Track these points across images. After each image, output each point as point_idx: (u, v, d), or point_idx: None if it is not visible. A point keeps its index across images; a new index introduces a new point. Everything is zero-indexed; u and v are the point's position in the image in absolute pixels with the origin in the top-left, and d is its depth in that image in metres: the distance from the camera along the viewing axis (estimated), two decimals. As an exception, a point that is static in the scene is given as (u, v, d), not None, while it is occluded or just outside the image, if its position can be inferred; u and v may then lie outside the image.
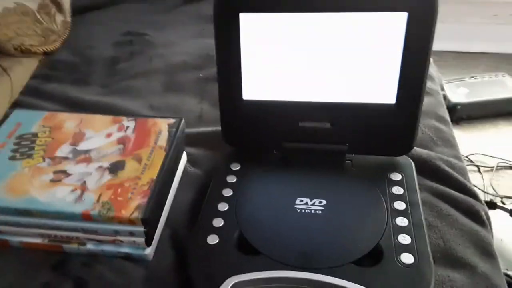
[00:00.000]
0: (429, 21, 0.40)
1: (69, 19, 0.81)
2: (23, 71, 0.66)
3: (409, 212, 0.42)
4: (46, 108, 0.60)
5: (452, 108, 1.25)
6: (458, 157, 0.54)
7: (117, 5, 0.91)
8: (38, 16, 0.74)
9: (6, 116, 0.58)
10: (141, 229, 0.39)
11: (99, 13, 0.89)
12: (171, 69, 0.70)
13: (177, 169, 0.49)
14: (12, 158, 0.45)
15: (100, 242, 0.41)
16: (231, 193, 0.45)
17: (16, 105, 0.62)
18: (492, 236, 0.47)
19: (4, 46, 0.65)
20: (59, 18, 0.79)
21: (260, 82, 0.46)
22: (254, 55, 0.45)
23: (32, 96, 0.64)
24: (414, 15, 0.41)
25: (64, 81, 0.68)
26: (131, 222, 0.39)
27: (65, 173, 0.43)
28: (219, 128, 0.51)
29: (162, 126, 0.49)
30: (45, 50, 0.71)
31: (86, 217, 0.39)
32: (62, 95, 0.64)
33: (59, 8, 0.79)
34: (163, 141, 0.47)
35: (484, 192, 1.06)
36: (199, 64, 0.71)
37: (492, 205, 0.92)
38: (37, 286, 0.39)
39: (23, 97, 0.64)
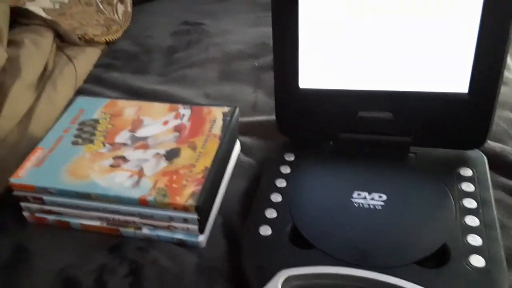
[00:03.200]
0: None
1: (130, 9, 0.83)
2: (86, 60, 0.69)
3: (481, 211, 0.38)
4: (108, 96, 0.63)
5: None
6: (537, 153, 0.49)
7: (176, -5, 0.92)
8: (101, 7, 0.77)
9: (70, 102, 0.61)
10: (194, 216, 0.39)
11: (158, 4, 0.90)
12: (226, 58, 0.70)
13: (230, 157, 0.48)
14: (75, 143, 0.46)
15: (155, 227, 0.41)
16: (284, 184, 0.43)
17: (80, 92, 0.64)
18: None
19: (70, 36, 0.67)
20: (120, 8, 0.81)
21: (318, 70, 0.44)
22: (312, 41, 0.43)
23: (95, 84, 0.66)
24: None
25: (124, 70, 0.70)
26: (185, 209, 0.39)
27: (124, 159, 0.44)
28: (273, 117, 0.49)
29: (217, 114, 0.48)
30: (107, 40, 0.74)
31: (142, 202, 0.40)
32: (122, 83, 0.66)
33: (121, -1, 0.82)
34: (217, 129, 0.46)
35: None
36: (255, 53, 0.70)
37: None
38: (94, 267, 0.40)
39: (87, 84, 0.66)
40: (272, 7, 0.42)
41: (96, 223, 0.43)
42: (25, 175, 0.43)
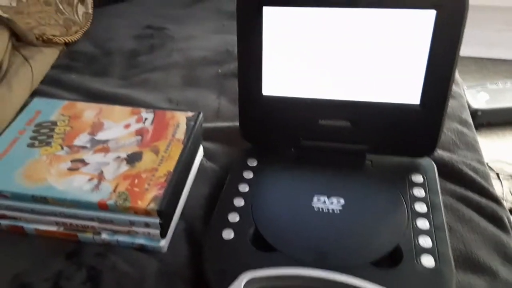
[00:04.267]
0: (459, 19, 0.39)
1: (90, 11, 0.82)
2: (44, 61, 0.67)
3: (431, 214, 0.41)
4: (66, 98, 0.61)
5: (473, 114, 1.22)
6: (481, 161, 0.52)
7: (138, -1, 0.91)
8: (61, 7, 0.75)
9: (26, 104, 0.59)
10: (156, 220, 0.39)
11: (120, 6, 0.89)
12: (190, 64, 0.70)
13: (193, 162, 0.48)
14: (31, 145, 0.45)
15: (115, 232, 0.41)
16: (247, 189, 0.44)
17: (36, 93, 0.62)
18: (514, 243, 0.45)
19: (26, 35, 0.65)
20: (81, 9, 0.79)
21: (281, 78, 0.45)
22: (276, 50, 0.44)
23: (52, 86, 0.64)
24: (443, 13, 0.39)
25: (84, 72, 0.69)
26: (147, 213, 0.39)
27: (83, 162, 0.43)
28: (236, 124, 0.50)
29: (180, 119, 0.48)
30: (67, 40, 0.72)
31: (102, 206, 0.39)
32: (81, 85, 0.65)
33: (82, 0, 0.80)
34: (181, 134, 0.46)
35: (503, 200, 1.04)
36: (219, 60, 0.70)
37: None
38: (51, 274, 0.39)
39: (44, 86, 0.64)
40: (237, 18, 0.43)
41: (53, 228, 0.42)
42: (-24, 177, 0.41)
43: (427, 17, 0.40)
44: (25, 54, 0.64)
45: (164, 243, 0.41)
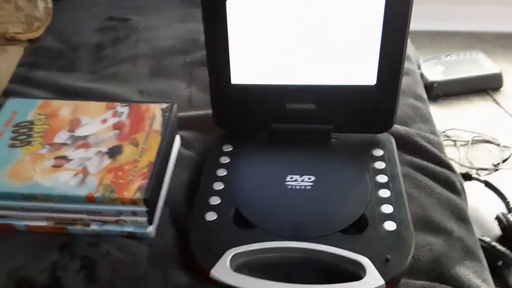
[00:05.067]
0: (406, 3, 0.43)
1: (50, 5, 0.81)
2: (9, 59, 0.67)
3: (391, 184, 0.45)
4: (37, 96, 0.61)
5: (429, 86, 1.29)
6: (434, 132, 0.58)
7: (98, -10, 0.90)
8: (19, 3, 0.74)
9: (-2, 105, 0.59)
10: (143, 208, 0.42)
11: (79, -1, 0.88)
12: (157, 54, 0.71)
13: (172, 151, 0.51)
14: (12, 146, 0.46)
15: (104, 222, 0.43)
16: (225, 173, 0.47)
17: (5, 93, 0.62)
18: (467, 204, 0.51)
19: (-11, 35, 0.65)
20: (41, 4, 0.78)
21: (248, 67, 0.48)
22: (241, 41, 0.47)
23: (21, 84, 0.65)
24: (391, -1, 0.43)
25: (51, 68, 0.69)
26: (133, 202, 0.41)
27: (66, 158, 0.45)
28: (209, 111, 0.53)
29: (156, 111, 0.51)
30: (30, 37, 0.71)
31: (90, 199, 0.41)
32: (51, 82, 0.65)
33: (41, -6, 0.79)
34: (157, 125, 0.49)
35: (460, 165, 1.12)
36: (185, 49, 0.72)
37: (468, 177, 0.97)
38: (46, 265, 0.41)
39: (12, 85, 0.64)
40: (202, 11, 0.45)
41: (43, 223, 0.44)
42: (-38, 181, 0.42)
43: (377, 3, 0.44)
44: (-10, 53, 0.64)
45: (151, 229, 0.44)
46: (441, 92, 1.31)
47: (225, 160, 0.49)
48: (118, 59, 0.70)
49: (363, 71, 0.47)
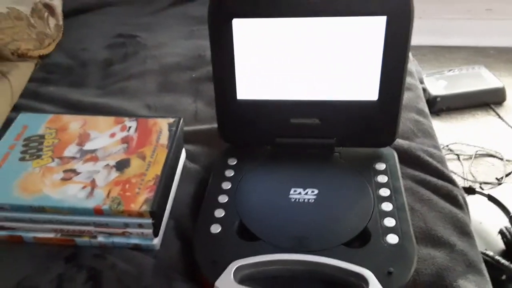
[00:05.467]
0: (406, 22, 0.44)
1: (61, 22, 0.83)
2: (21, 75, 0.68)
3: (393, 197, 0.46)
4: (47, 110, 0.63)
5: (432, 101, 1.30)
6: (436, 147, 0.58)
7: (106, 8, 0.93)
8: (32, 21, 0.76)
9: (9, 119, 0.61)
10: (149, 221, 0.43)
11: (89, 16, 0.91)
12: (164, 70, 0.73)
13: (178, 165, 0.52)
14: (22, 159, 0.47)
15: (110, 234, 0.44)
16: (229, 186, 0.48)
17: (16, 108, 0.64)
18: (470, 218, 0.51)
19: (2, 51, 0.67)
20: (52, 22, 0.80)
21: (253, 83, 0.50)
22: (247, 58, 0.48)
23: (32, 99, 0.66)
24: (392, 18, 0.45)
25: (61, 84, 0.71)
26: (140, 215, 0.42)
27: (74, 171, 0.46)
28: (215, 125, 0.54)
29: (163, 125, 0.52)
30: (41, 53, 0.73)
31: (98, 211, 0.42)
32: (60, 97, 0.67)
33: (52, 12, 0.81)
34: (164, 139, 0.50)
35: (464, 178, 1.12)
36: (192, 65, 0.74)
37: (471, 190, 0.97)
38: (52, 276, 0.42)
39: (23, 100, 0.66)
40: (209, 30, 0.47)
41: (50, 235, 0.45)
42: (-26, 193, 0.43)
43: (379, 23, 0.45)
44: (2, 70, 0.66)
45: (157, 241, 0.44)
46: (444, 106, 1.32)
47: (229, 173, 0.50)
48: (127, 75, 0.72)
49: (365, 87, 0.48)
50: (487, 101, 1.34)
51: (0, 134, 0.51)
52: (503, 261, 0.77)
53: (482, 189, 1.04)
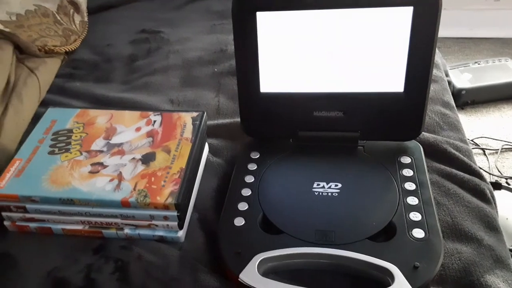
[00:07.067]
0: (434, 13, 0.44)
1: (86, 19, 0.85)
2: (48, 71, 0.70)
3: (419, 191, 0.45)
4: (73, 105, 0.64)
5: (457, 94, 1.28)
6: (463, 140, 0.57)
7: (130, 4, 0.94)
8: (58, 17, 0.78)
9: (37, 114, 0.62)
10: (174, 213, 0.43)
11: (113, 13, 0.92)
12: (187, 65, 0.73)
13: (201, 158, 0.52)
14: (51, 152, 0.49)
15: (137, 226, 0.45)
16: (252, 180, 0.48)
17: (44, 103, 0.66)
18: (497, 212, 0.50)
19: (30, 47, 0.68)
20: (77, 18, 0.82)
21: (276, 76, 0.50)
22: (271, 51, 0.48)
23: (58, 94, 0.68)
24: (419, 8, 0.44)
25: (87, 79, 0.72)
26: (165, 207, 0.43)
27: (102, 165, 0.47)
28: (237, 119, 0.54)
29: (186, 119, 0.52)
30: (67, 50, 0.75)
31: (125, 204, 0.43)
32: (86, 92, 0.68)
33: (77, 9, 0.83)
34: (188, 133, 0.50)
35: (490, 173, 1.09)
36: (214, 59, 0.74)
37: (497, 185, 0.95)
38: (81, 267, 0.43)
39: (51, 95, 0.68)
40: (233, 23, 0.47)
41: (78, 227, 0.46)
42: (6, 185, 0.45)
43: (405, 13, 0.44)
44: (30, 66, 0.68)
45: (181, 233, 0.45)
46: (469, 99, 1.29)
47: (252, 167, 0.50)
48: (150, 70, 0.73)
49: (390, 79, 0.48)
50: (514, 94, 1.31)
51: (30, 129, 0.53)
52: (531, 257, 0.75)
53: (509, 184, 1.01)
